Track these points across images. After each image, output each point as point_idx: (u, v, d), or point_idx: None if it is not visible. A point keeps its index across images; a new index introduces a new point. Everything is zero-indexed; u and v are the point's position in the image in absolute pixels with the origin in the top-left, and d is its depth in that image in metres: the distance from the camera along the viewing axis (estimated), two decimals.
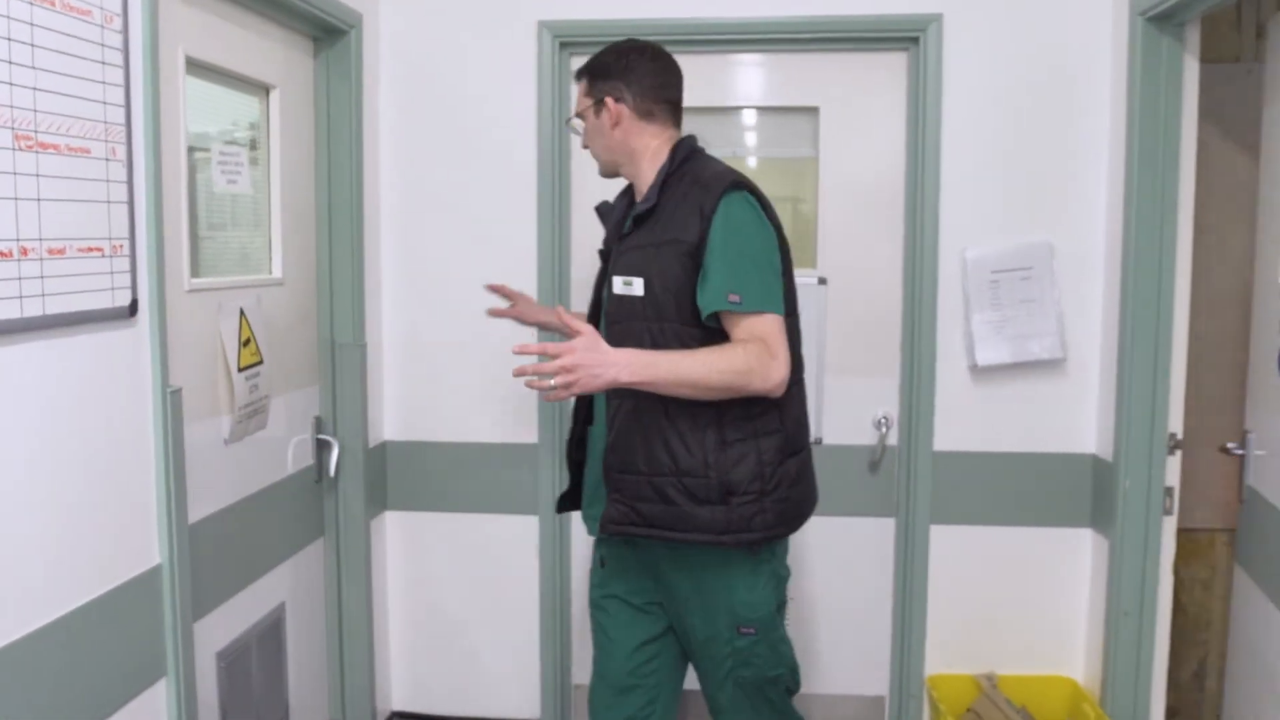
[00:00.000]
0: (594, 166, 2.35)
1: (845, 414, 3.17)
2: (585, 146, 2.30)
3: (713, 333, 2.04)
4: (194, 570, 2.11)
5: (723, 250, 2.02)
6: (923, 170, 3.01)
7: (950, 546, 3.10)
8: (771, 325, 2.01)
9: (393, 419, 3.20)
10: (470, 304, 3.08)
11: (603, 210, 2.35)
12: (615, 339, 2.00)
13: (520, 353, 1.92)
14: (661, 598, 2.25)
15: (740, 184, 2.09)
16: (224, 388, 2.37)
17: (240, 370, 2.40)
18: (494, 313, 2.66)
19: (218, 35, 2.36)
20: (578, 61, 3.05)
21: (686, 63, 2.38)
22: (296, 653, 2.80)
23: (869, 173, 3.12)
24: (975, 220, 3.02)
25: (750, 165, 3.23)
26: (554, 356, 1.86)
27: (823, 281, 3.13)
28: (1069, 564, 3.09)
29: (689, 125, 2.32)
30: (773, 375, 1.98)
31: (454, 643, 3.26)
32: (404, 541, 3.24)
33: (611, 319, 2.14)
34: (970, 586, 3.12)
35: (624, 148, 2.21)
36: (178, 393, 2.00)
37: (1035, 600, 3.11)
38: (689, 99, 2.31)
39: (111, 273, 1.82)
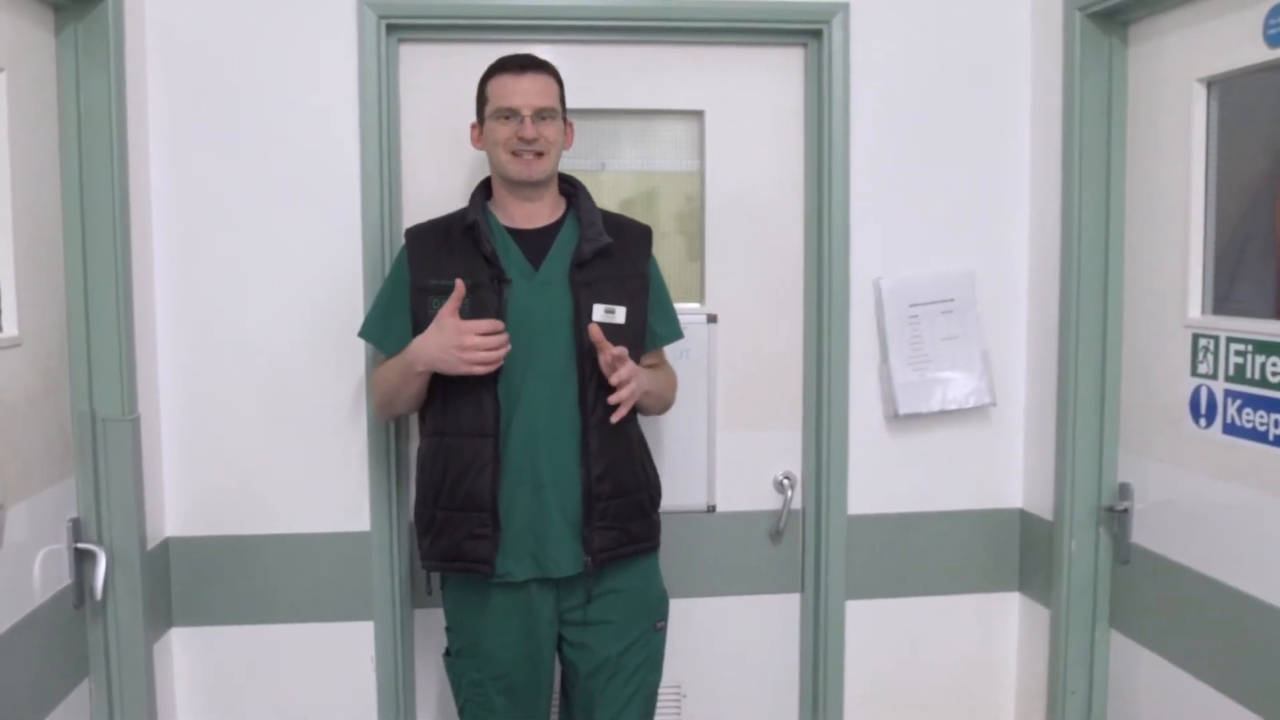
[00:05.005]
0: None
1: (741, 475, 2.67)
2: (538, 149, 2.11)
3: None
4: None
5: (663, 287, 2.31)
6: (830, 186, 2.55)
7: (868, 624, 2.67)
8: None
9: (177, 511, 2.45)
10: (277, 354, 2.42)
11: (480, 236, 2.13)
12: (595, 364, 2.08)
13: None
14: (572, 632, 2.21)
15: None
16: None
17: None
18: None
19: None
20: (410, 49, 2.49)
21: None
22: None
23: (765, 188, 2.64)
24: (889, 245, 2.60)
25: (623, 180, 2.67)
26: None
27: (712, 319, 2.63)
28: (998, 634, 2.72)
29: None
30: None
31: None
32: (196, 666, 2.50)
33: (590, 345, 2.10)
34: (892, 670, 2.70)
35: (557, 167, 2.20)
36: None
37: (965, 679, 2.73)
38: None
39: None
